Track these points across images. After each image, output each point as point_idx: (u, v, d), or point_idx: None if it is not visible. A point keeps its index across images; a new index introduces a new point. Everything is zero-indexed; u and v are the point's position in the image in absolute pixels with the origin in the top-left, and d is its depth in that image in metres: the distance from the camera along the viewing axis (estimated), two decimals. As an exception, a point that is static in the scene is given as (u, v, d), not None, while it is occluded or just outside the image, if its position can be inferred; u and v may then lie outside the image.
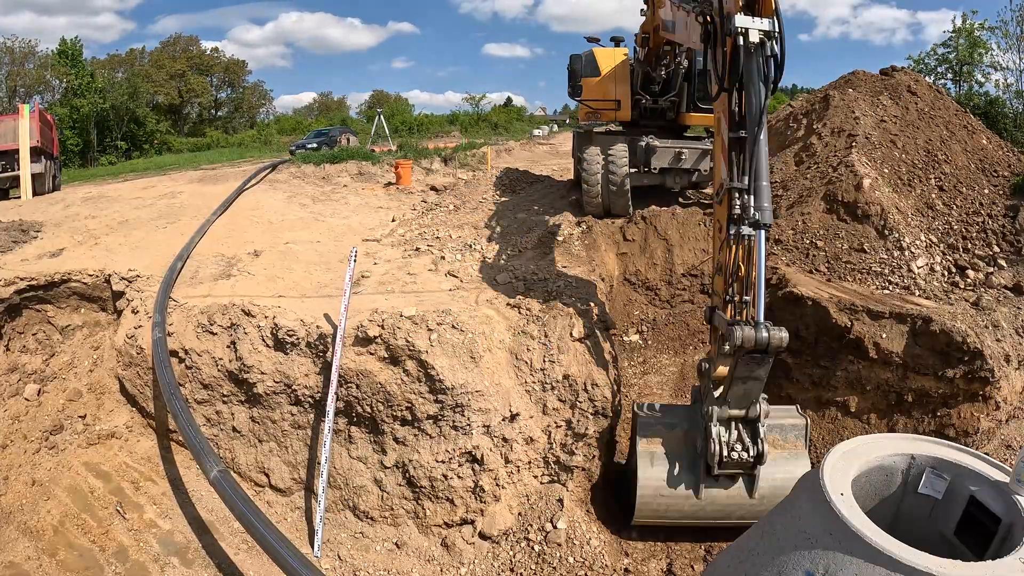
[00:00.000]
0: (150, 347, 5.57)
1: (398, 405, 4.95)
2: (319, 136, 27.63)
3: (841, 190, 7.59)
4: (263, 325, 5.41)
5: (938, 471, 2.77)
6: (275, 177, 13.11)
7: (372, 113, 39.96)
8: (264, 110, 57.59)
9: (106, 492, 5.20)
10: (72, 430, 5.62)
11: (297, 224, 9.04)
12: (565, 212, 8.53)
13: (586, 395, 5.22)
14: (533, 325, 5.44)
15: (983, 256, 6.90)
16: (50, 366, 6.03)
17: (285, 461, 5.35)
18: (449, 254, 7.16)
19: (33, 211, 9.72)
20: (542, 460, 5.16)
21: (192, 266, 6.96)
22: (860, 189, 7.46)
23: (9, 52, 35.54)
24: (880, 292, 6.11)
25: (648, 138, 8.10)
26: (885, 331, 5.40)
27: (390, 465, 5.02)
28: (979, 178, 8.00)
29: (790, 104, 11.94)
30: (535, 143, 26.64)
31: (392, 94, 63.12)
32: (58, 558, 4.55)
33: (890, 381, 5.39)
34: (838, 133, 8.97)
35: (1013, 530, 2.42)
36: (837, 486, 2.50)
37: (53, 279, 6.40)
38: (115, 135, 37.55)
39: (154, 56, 47.96)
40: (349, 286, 5.45)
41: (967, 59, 19.26)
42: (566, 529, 4.85)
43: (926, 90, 9.73)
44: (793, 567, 2.45)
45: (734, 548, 3.15)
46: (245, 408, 5.48)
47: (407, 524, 4.99)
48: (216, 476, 4.24)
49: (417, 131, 41.30)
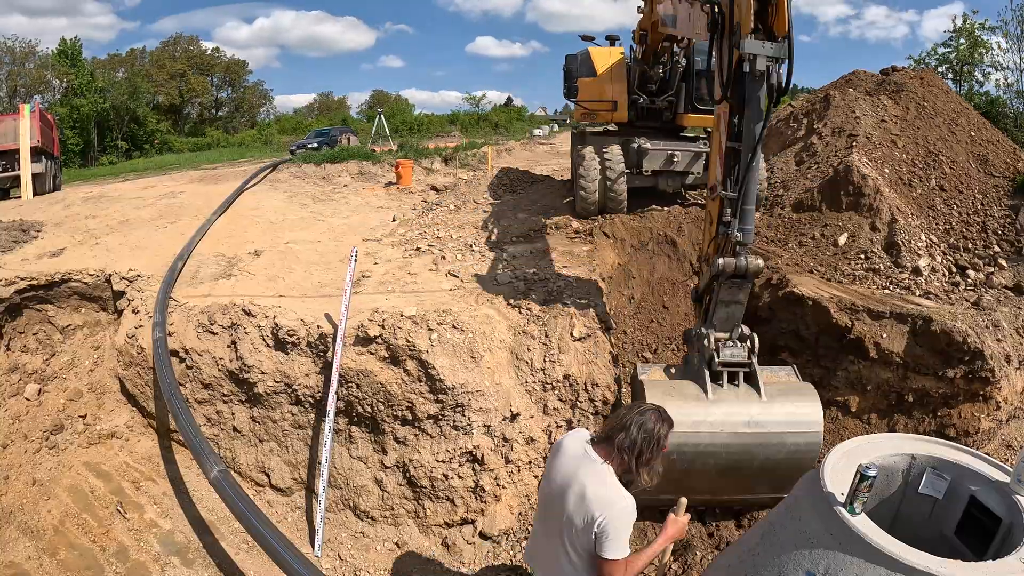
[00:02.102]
0: (151, 347, 5.57)
1: (398, 405, 4.96)
2: (319, 136, 27.66)
3: (842, 190, 7.60)
4: (263, 325, 5.42)
5: (938, 471, 2.77)
6: (276, 177, 13.12)
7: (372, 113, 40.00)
8: (264, 110, 57.62)
9: (106, 492, 5.20)
10: (72, 430, 5.62)
11: (298, 224, 9.04)
12: (566, 212, 8.53)
13: (586, 395, 5.23)
14: (533, 325, 5.45)
15: (984, 256, 6.90)
16: (50, 366, 6.03)
17: (285, 461, 5.35)
18: (450, 254, 7.16)
19: (33, 211, 9.73)
20: (543, 460, 5.16)
21: (192, 266, 6.97)
22: (861, 189, 7.46)
23: (9, 52, 35.55)
24: (881, 292, 6.11)
25: (640, 140, 7.95)
26: (886, 331, 5.40)
27: (391, 465, 5.02)
28: (980, 178, 8.01)
29: (790, 104, 11.93)
30: (536, 143, 26.65)
31: (392, 94, 63.15)
32: (58, 558, 4.55)
33: (890, 381, 5.38)
34: (838, 133, 8.98)
35: (1013, 530, 2.42)
36: (837, 486, 2.50)
37: (54, 279, 6.41)
38: (115, 135, 37.58)
39: (154, 56, 48.02)
40: (350, 286, 5.45)
41: (967, 59, 19.27)
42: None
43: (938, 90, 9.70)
44: (793, 567, 2.45)
45: (734, 548, 3.15)
46: (245, 408, 5.48)
47: (408, 524, 4.99)
48: (216, 476, 4.23)
49: (417, 131, 41.33)
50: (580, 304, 5.69)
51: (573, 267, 6.39)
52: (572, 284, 5.94)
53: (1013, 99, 18.75)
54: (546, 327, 5.41)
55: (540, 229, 8.00)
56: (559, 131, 37.67)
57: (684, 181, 8.27)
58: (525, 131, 39.38)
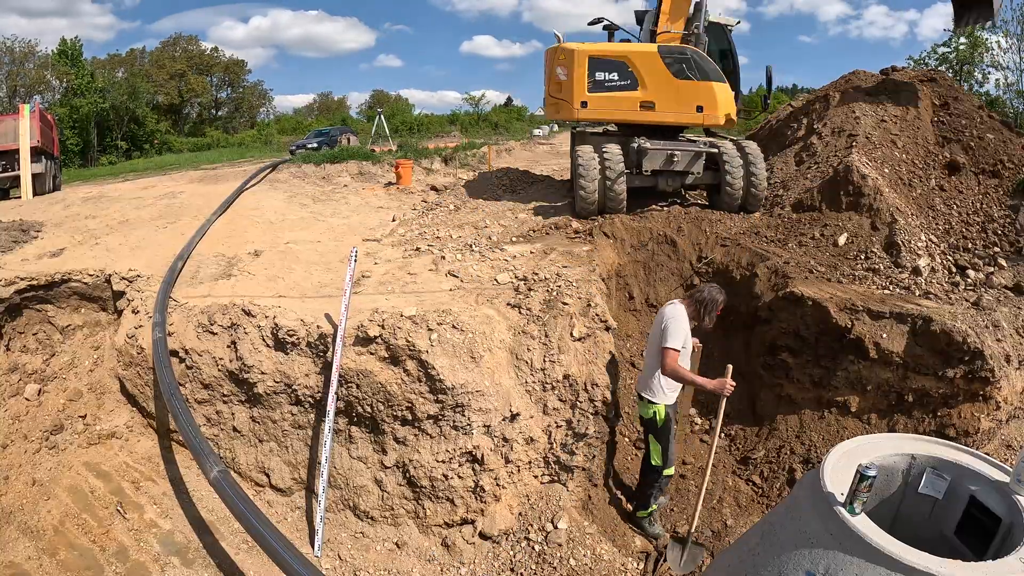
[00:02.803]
0: (150, 347, 5.57)
1: (398, 405, 4.96)
2: (319, 136, 27.67)
3: (842, 190, 7.59)
4: (263, 325, 5.41)
5: (938, 471, 2.77)
6: (275, 177, 13.11)
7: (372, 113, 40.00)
8: (264, 110, 57.65)
9: (106, 492, 5.20)
10: (72, 430, 5.62)
11: (297, 224, 9.04)
12: (566, 212, 8.53)
13: (586, 395, 5.23)
14: (533, 325, 5.45)
15: (984, 256, 6.90)
16: (50, 366, 6.03)
17: (285, 461, 5.35)
18: (449, 254, 7.16)
19: (33, 211, 9.73)
20: (542, 460, 5.16)
21: (192, 266, 6.97)
22: (861, 189, 7.46)
23: (9, 52, 35.55)
24: (880, 292, 6.11)
25: (639, 140, 7.91)
26: (885, 331, 5.40)
27: (390, 465, 5.02)
28: (980, 177, 8.01)
29: (790, 104, 11.93)
30: (535, 143, 26.63)
31: (392, 94, 63.20)
32: (58, 558, 4.55)
33: (890, 381, 5.38)
34: (838, 133, 8.97)
35: (1013, 530, 2.42)
36: (837, 486, 2.50)
37: (53, 279, 6.41)
38: (115, 135, 37.59)
39: (154, 56, 48.03)
40: (349, 286, 5.45)
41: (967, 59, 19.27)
42: (567, 529, 4.85)
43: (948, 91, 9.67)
44: (793, 567, 2.45)
45: (734, 548, 3.15)
46: (245, 408, 5.48)
47: (407, 524, 4.99)
48: (216, 476, 4.23)
49: (417, 131, 41.34)
50: (580, 304, 5.68)
51: (573, 267, 6.39)
52: (572, 284, 5.94)
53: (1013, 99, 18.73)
54: (546, 327, 5.41)
55: (540, 229, 7.99)
56: (559, 131, 37.63)
57: (684, 181, 8.28)
58: (525, 131, 39.36)
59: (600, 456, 5.38)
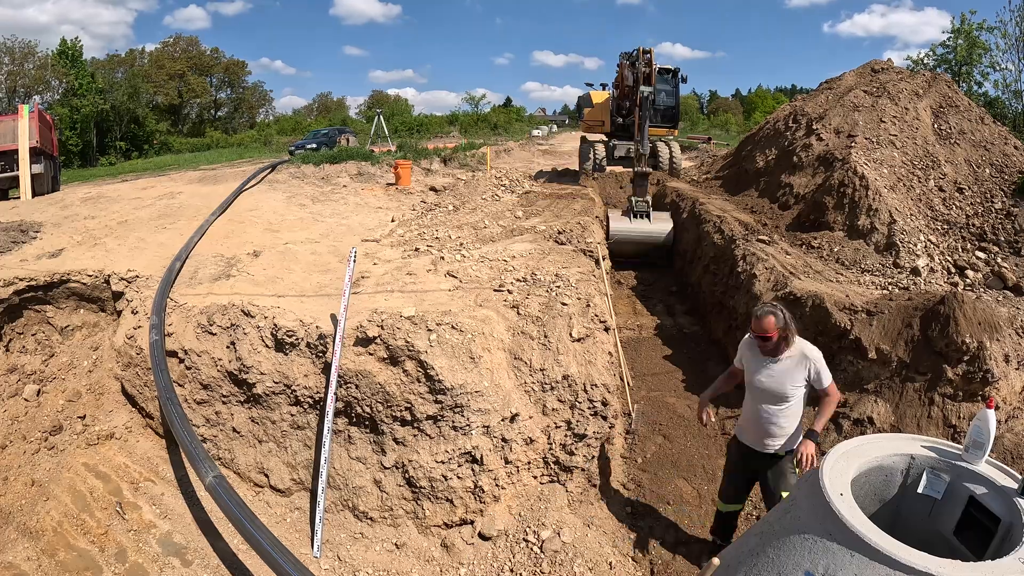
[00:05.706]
0: (149, 348, 5.56)
1: (397, 405, 4.95)
2: (318, 136, 27.63)
3: (841, 190, 7.60)
4: (262, 325, 5.41)
5: (938, 471, 2.77)
6: (274, 177, 13.11)
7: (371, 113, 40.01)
8: (264, 110, 57.65)
9: (106, 492, 5.19)
10: (71, 431, 5.62)
11: (296, 224, 9.03)
12: (565, 212, 8.53)
13: (585, 396, 5.22)
14: (532, 325, 5.44)
15: (983, 256, 6.90)
16: (49, 367, 6.03)
17: (284, 462, 5.35)
18: (448, 254, 7.16)
19: (32, 211, 9.73)
20: (542, 460, 5.16)
21: (191, 266, 6.96)
22: (860, 189, 7.46)
23: (9, 52, 35.51)
24: (880, 292, 6.11)
25: (614, 141, 14.56)
26: (885, 331, 5.39)
27: (389, 465, 5.01)
28: (979, 178, 8.01)
29: (790, 104, 11.94)
30: (534, 143, 26.63)
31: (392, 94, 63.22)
32: (57, 558, 4.54)
33: (890, 381, 5.38)
34: (838, 133, 8.98)
35: (1012, 530, 2.42)
36: (837, 486, 2.50)
37: (52, 279, 6.40)
38: (115, 135, 37.58)
39: (154, 56, 48.00)
40: (348, 286, 5.44)
41: (966, 59, 19.29)
42: (566, 530, 4.85)
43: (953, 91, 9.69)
44: (793, 567, 2.45)
45: (734, 548, 3.15)
46: (244, 408, 5.47)
47: (407, 524, 4.99)
48: (211, 483, 4.28)
49: (416, 131, 41.33)
50: (579, 304, 5.68)
51: (572, 266, 6.39)
52: (571, 284, 5.94)
53: (1011, 99, 18.76)
54: (545, 327, 5.41)
55: (539, 229, 7.99)
56: (558, 132, 37.65)
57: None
58: (524, 132, 39.35)
59: (600, 456, 5.37)
